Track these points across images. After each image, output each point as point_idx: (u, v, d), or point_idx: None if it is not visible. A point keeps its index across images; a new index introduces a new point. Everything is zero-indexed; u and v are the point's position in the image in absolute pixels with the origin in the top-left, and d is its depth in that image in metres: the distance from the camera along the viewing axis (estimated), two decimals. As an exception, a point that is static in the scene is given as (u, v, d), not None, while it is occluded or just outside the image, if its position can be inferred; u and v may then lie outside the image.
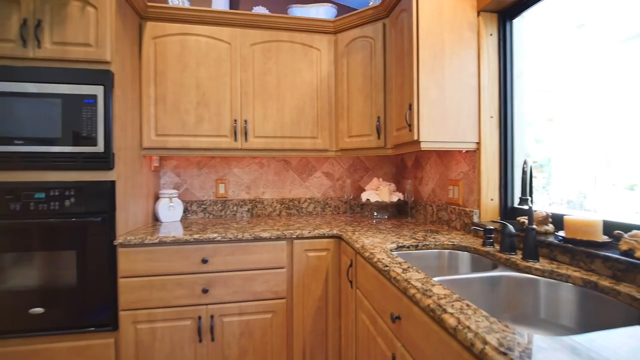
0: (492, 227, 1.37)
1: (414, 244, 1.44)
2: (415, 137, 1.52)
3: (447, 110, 1.54)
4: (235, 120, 1.98)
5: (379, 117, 1.91)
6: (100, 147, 1.57)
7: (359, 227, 1.88)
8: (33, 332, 1.54)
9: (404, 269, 1.06)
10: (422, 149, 1.54)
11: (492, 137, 1.58)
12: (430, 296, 0.83)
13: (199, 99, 1.94)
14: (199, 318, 1.66)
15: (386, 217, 2.21)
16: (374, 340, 1.25)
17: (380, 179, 2.31)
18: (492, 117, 1.58)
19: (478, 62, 1.57)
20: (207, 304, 1.68)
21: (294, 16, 1.99)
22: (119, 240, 1.60)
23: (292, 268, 1.77)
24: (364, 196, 2.20)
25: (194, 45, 1.93)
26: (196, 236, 1.65)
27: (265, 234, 1.72)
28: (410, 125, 1.56)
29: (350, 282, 1.58)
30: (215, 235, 1.67)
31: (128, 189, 1.75)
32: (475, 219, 1.59)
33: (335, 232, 1.78)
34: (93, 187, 1.58)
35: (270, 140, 2.03)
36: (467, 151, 1.67)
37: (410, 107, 1.55)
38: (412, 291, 0.90)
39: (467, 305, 0.77)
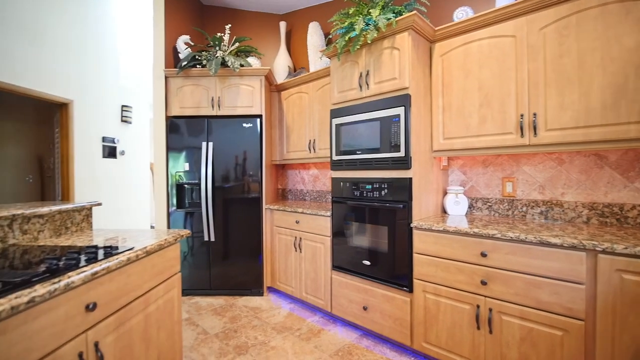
0: None
1: None
2: None
3: None
4: (522, 115, 1.86)
5: None
6: (402, 153, 2.10)
7: None
8: (364, 276, 2.36)
9: None
10: None
11: None
12: None
13: (482, 101, 2.02)
14: (477, 307, 1.78)
15: None
16: None
17: None
18: None
19: None
20: (485, 296, 1.76)
21: (607, -29, 1.56)
22: (414, 224, 2.06)
23: (596, 288, 1.44)
24: None
25: (476, 50, 2.03)
26: (475, 230, 1.78)
27: (555, 240, 1.53)
28: None
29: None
30: (495, 232, 1.71)
31: (421, 185, 2.19)
32: None
33: (678, 254, 1.25)
34: (397, 182, 2.15)
35: (569, 132, 1.72)
36: None
37: None
38: None
39: None
